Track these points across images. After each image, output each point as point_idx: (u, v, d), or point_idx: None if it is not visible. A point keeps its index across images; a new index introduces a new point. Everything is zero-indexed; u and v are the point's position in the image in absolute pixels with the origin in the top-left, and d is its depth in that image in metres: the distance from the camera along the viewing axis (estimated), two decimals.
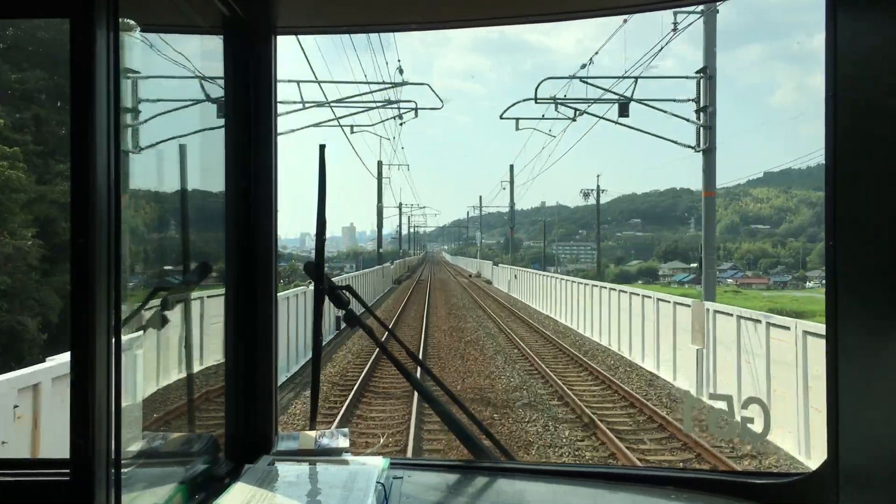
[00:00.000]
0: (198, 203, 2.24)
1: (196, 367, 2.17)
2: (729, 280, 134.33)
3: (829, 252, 1.67)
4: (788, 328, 11.79)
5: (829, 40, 1.66)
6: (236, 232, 2.19)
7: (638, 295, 20.24)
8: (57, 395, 6.64)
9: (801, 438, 11.05)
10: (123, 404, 1.44)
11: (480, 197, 76.86)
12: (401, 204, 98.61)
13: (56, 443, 6.47)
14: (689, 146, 19.08)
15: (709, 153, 18.47)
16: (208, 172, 2.23)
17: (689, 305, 16.26)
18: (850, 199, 1.64)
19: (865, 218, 1.61)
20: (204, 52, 2.21)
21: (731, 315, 14.13)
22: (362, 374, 16.64)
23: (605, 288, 24.03)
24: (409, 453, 10.89)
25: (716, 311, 15.04)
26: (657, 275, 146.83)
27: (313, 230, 2.25)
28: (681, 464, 10.72)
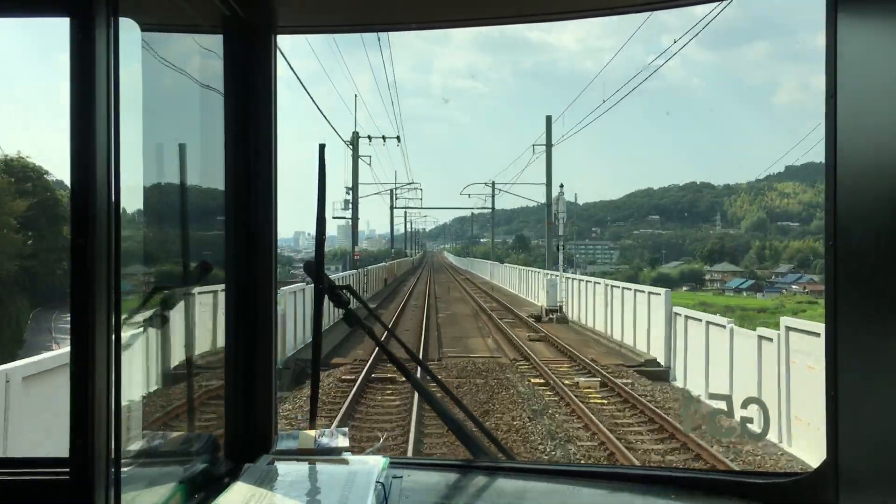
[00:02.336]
0: (198, 203, 2.24)
1: (195, 367, 2.17)
2: (794, 286, 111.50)
3: (829, 252, 1.67)
4: None
5: (829, 40, 1.66)
6: (236, 232, 2.19)
7: None
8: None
9: None
10: (123, 403, 1.44)
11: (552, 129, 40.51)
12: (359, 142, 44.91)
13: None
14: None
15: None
16: (208, 172, 2.23)
17: None
18: (850, 199, 1.64)
19: (865, 218, 1.61)
20: (204, 52, 2.21)
21: None
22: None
23: None
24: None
25: None
26: (702, 279, 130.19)
27: (308, 228, 2.24)
28: None
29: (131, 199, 1.62)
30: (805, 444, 12.20)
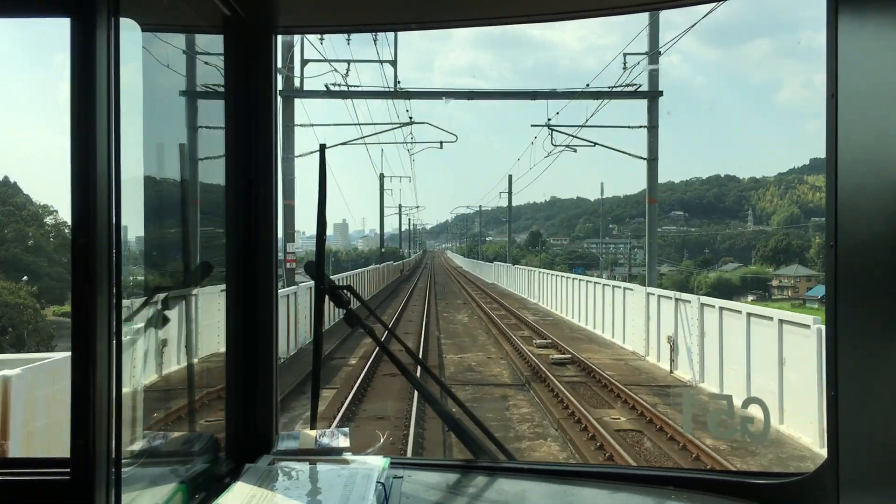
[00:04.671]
0: (198, 204, 2.24)
1: (197, 367, 2.17)
2: None
3: (829, 253, 1.67)
4: None
5: (829, 40, 1.66)
6: (236, 232, 2.19)
7: None
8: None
9: None
10: (124, 404, 1.44)
11: None
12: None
13: None
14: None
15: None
16: (209, 172, 2.23)
17: None
18: (851, 200, 1.64)
19: (866, 218, 1.61)
20: (204, 52, 2.21)
21: None
22: None
23: None
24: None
25: None
26: (768, 285, 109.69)
27: (304, 228, 2.22)
28: None
29: (132, 200, 1.62)
30: None
